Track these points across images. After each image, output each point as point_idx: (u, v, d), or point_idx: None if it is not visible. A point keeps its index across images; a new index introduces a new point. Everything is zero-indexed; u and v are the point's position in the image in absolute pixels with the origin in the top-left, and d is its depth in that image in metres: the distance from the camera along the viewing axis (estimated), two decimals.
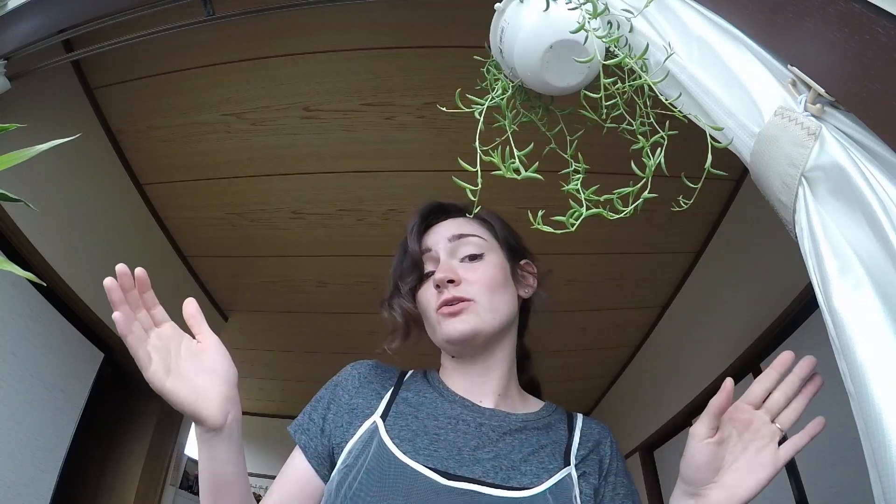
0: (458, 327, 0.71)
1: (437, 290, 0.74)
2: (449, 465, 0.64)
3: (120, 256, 2.30)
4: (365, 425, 0.69)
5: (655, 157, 0.64)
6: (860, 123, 0.51)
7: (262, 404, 4.38)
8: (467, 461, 0.65)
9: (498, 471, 0.65)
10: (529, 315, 0.87)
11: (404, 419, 0.70)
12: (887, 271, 0.44)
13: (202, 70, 1.66)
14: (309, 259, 2.42)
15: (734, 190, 2.01)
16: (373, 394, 0.74)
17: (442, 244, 0.77)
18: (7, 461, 1.51)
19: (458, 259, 0.77)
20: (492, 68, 0.80)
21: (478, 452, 0.66)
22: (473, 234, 0.78)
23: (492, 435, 0.69)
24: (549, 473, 0.67)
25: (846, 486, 1.46)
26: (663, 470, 2.93)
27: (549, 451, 0.70)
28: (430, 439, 0.67)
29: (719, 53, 0.61)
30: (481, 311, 0.72)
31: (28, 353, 1.60)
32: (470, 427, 0.69)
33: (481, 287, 0.74)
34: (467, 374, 0.76)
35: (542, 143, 0.74)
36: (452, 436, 0.68)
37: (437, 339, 0.75)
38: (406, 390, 0.75)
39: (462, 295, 0.72)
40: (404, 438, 0.66)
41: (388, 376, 0.78)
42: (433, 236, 0.79)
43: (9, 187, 0.54)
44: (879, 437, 0.40)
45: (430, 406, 0.72)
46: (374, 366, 0.79)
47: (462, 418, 0.70)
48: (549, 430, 0.74)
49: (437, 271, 0.75)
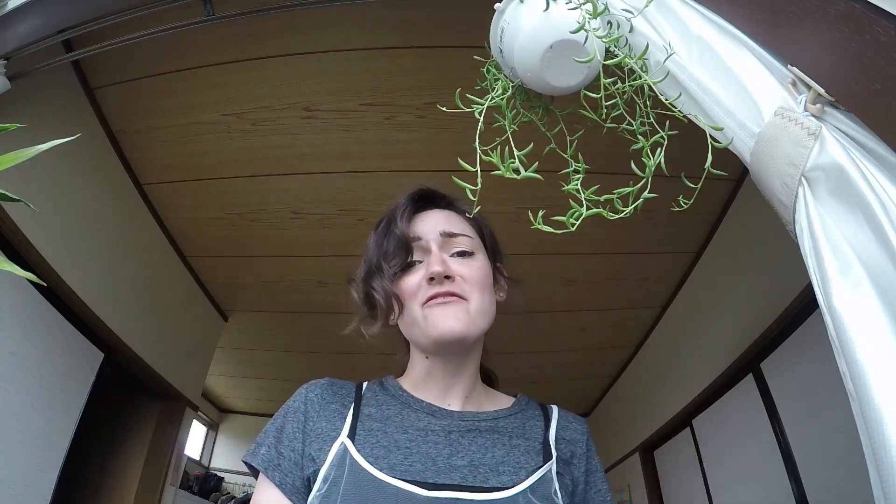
0: (451, 325, 0.67)
1: (429, 283, 0.70)
2: (427, 476, 0.62)
3: (120, 256, 2.31)
4: (334, 448, 0.66)
5: (655, 157, 0.64)
6: (860, 123, 0.51)
7: (262, 404, 4.38)
8: (443, 469, 0.64)
9: (476, 474, 0.64)
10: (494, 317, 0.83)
11: (374, 436, 0.67)
12: (887, 271, 0.44)
13: (202, 70, 1.66)
14: (309, 259, 2.42)
15: (734, 190, 2.01)
16: (335, 414, 0.70)
17: (433, 236, 0.74)
18: (7, 461, 1.51)
19: (448, 253, 0.73)
20: (492, 68, 0.80)
21: (452, 459, 0.65)
22: (464, 233, 0.76)
23: (462, 441, 0.67)
24: (528, 471, 0.66)
25: (846, 486, 1.46)
26: (663, 470, 2.93)
27: (524, 449, 0.69)
28: (403, 454, 0.65)
29: (719, 53, 0.61)
30: (472, 313, 0.69)
31: (28, 353, 1.60)
32: (440, 437, 0.67)
33: (474, 287, 0.71)
34: (437, 376, 0.73)
35: (542, 143, 0.73)
36: (424, 447, 0.66)
37: (419, 334, 0.71)
38: (367, 405, 0.72)
39: (457, 291, 0.69)
40: (378, 456, 0.64)
41: (346, 393, 0.73)
42: (422, 225, 0.75)
43: (9, 187, 0.53)
44: (879, 437, 0.40)
45: (397, 419, 0.69)
46: (330, 384, 0.74)
47: (430, 429, 0.68)
48: (523, 426, 0.72)
49: (431, 263, 0.70)
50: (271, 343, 3.30)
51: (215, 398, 4.40)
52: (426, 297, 0.69)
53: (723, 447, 2.29)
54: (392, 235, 0.74)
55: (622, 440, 3.28)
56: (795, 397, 1.76)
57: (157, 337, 2.30)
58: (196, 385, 2.79)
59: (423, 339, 0.70)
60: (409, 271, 0.73)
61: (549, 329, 2.88)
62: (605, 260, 2.37)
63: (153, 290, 2.27)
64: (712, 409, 2.36)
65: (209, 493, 4.00)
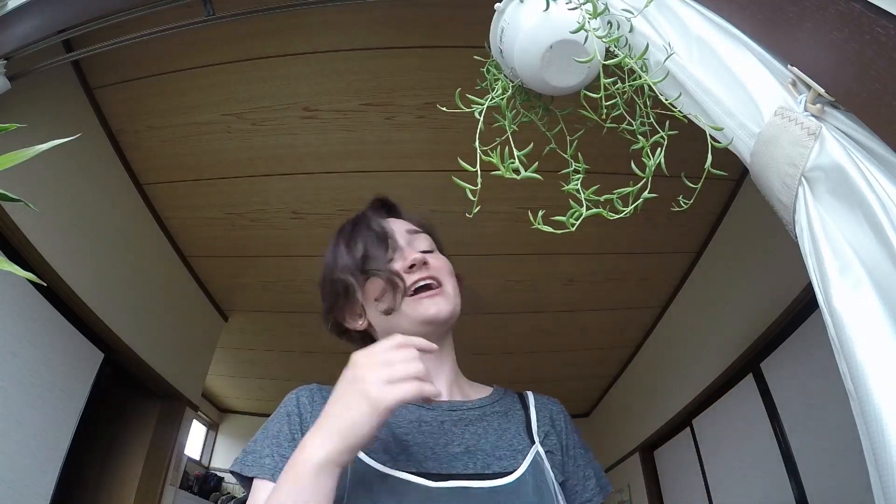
0: (439, 307, 0.72)
1: (409, 272, 0.74)
2: (429, 467, 0.64)
3: (120, 256, 2.30)
4: None
5: (655, 157, 0.64)
6: (860, 123, 0.51)
7: (262, 404, 4.38)
8: (443, 458, 0.65)
9: (476, 462, 0.66)
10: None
11: None
12: (887, 271, 0.44)
13: (202, 70, 1.66)
14: (309, 259, 2.42)
15: (734, 190, 2.02)
16: None
17: (400, 234, 0.80)
18: (7, 461, 1.51)
19: (415, 250, 0.78)
20: (492, 68, 0.80)
21: (449, 448, 0.67)
22: (422, 233, 0.82)
23: (455, 430, 0.69)
24: (522, 454, 0.68)
25: (846, 486, 1.46)
26: (663, 470, 2.93)
27: (513, 433, 0.71)
28: (401, 446, 0.66)
29: (719, 53, 0.61)
30: (450, 295, 0.74)
31: (28, 353, 1.60)
32: (433, 427, 0.69)
33: (444, 273, 0.76)
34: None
35: (542, 143, 0.74)
36: (420, 438, 0.67)
37: (406, 322, 0.72)
38: None
39: (436, 276, 0.74)
40: (376, 450, 0.65)
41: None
42: (388, 227, 0.81)
43: (9, 187, 0.53)
44: (879, 437, 0.40)
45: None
46: (318, 388, 0.76)
47: (423, 419, 0.70)
48: (506, 413, 0.75)
49: (408, 254, 0.75)
50: (271, 343, 3.30)
51: (215, 398, 4.40)
52: (411, 285, 0.73)
53: (723, 447, 2.29)
54: (371, 233, 0.79)
55: (622, 440, 3.28)
56: (795, 397, 1.76)
57: (157, 337, 2.30)
58: (196, 385, 2.79)
59: (409, 324, 0.72)
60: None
61: (549, 329, 2.88)
62: (605, 260, 2.37)
63: (153, 290, 2.27)
64: (712, 409, 2.36)
65: (209, 493, 4.01)
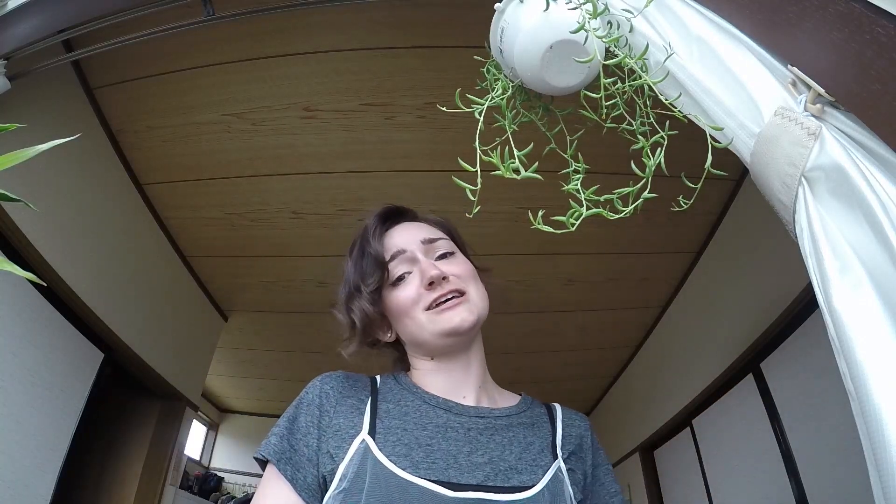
0: (464, 317, 0.70)
1: (429, 289, 0.72)
2: (450, 475, 0.63)
3: (120, 256, 2.31)
4: (354, 445, 0.65)
5: (655, 157, 0.64)
6: (860, 123, 0.51)
7: (262, 404, 4.39)
8: (465, 468, 0.64)
9: (497, 473, 0.65)
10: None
11: (394, 433, 0.67)
12: (887, 271, 0.44)
13: (202, 70, 1.66)
14: (309, 259, 2.42)
15: (734, 190, 2.02)
16: (352, 410, 0.69)
17: (415, 245, 0.77)
18: (7, 461, 1.51)
19: (433, 258, 0.77)
20: (492, 68, 0.80)
21: (472, 457, 0.66)
22: (440, 237, 0.79)
23: (481, 438, 0.68)
24: (543, 469, 0.67)
25: (846, 486, 1.46)
26: (663, 470, 2.93)
27: (537, 447, 0.70)
28: (424, 452, 0.65)
29: (719, 53, 0.61)
30: (474, 302, 0.73)
31: (28, 353, 1.60)
32: (459, 434, 0.68)
33: (467, 279, 0.74)
34: (449, 373, 0.74)
35: (542, 143, 0.74)
36: (445, 444, 0.66)
37: (427, 335, 0.72)
38: (384, 401, 0.72)
39: (457, 287, 0.73)
40: (399, 454, 0.64)
41: (362, 386, 0.73)
42: (400, 238, 0.78)
43: (9, 187, 0.53)
44: (879, 437, 0.40)
45: (416, 415, 0.69)
46: (346, 377, 0.74)
47: (450, 425, 0.69)
48: (533, 425, 0.74)
49: (425, 270, 0.73)
50: (271, 343, 3.30)
51: (215, 398, 4.40)
52: (431, 302, 0.71)
53: (723, 447, 2.29)
54: (367, 256, 0.76)
55: (622, 440, 3.27)
56: (795, 397, 1.76)
57: (157, 337, 2.30)
58: (196, 385, 2.79)
59: (432, 337, 0.72)
60: (400, 284, 0.75)
61: (549, 329, 2.88)
62: (605, 260, 2.37)
63: (153, 290, 2.26)
64: (712, 409, 2.36)
65: (209, 493, 4.01)
